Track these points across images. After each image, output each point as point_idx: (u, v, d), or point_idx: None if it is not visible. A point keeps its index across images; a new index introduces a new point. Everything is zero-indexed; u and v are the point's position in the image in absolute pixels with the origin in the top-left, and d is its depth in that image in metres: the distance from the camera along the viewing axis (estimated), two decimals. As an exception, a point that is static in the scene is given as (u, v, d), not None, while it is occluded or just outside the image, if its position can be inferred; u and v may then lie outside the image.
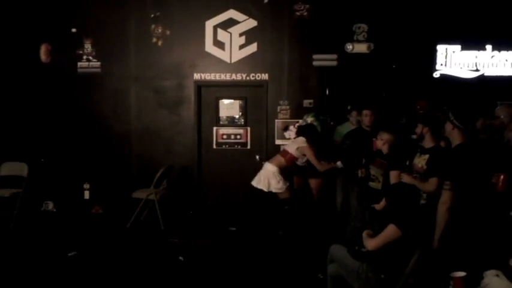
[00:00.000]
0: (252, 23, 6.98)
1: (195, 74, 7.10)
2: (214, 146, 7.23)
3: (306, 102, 6.91)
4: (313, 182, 5.82)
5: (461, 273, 3.15)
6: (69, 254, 5.29)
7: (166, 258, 5.24)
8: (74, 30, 7.19)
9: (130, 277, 4.71)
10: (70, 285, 4.54)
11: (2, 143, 7.14)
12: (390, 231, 3.37)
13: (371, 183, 4.79)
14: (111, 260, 5.18)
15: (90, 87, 7.23)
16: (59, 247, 5.55)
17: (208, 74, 7.08)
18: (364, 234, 3.61)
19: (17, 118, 7.25)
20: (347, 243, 3.83)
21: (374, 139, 4.90)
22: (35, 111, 7.24)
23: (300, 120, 6.34)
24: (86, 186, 7.25)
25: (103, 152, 7.21)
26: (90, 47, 7.20)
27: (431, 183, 3.78)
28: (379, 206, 4.29)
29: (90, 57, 7.21)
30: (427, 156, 3.99)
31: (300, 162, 5.66)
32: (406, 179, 3.97)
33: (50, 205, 7.31)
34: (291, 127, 6.88)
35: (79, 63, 7.22)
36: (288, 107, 6.97)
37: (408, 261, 3.29)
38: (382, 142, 4.64)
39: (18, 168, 6.82)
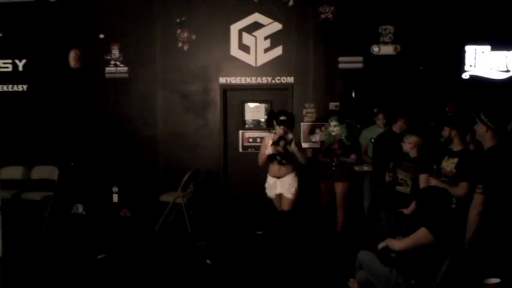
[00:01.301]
0: (277, 26, 6.98)
1: (220, 78, 7.14)
2: (240, 150, 7.26)
3: (332, 105, 6.88)
4: (339, 186, 5.79)
5: (495, 280, 3.08)
6: (98, 257, 5.37)
7: (193, 262, 5.27)
8: (101, 36, 7.33)
9: (158, 280, 4.76)
10: (99, 287, 4.61)
11: (33, 148, 7.32)
12: (421, 234, 3.33)
13: (399, 188, 4.73)
14: (139, 263, 5.25)
15: (118, 91, 7.35)
16: (88, 249, 5.64)
17: (234, 78, 7.11)
18: (389, 238, 3.58)
19: (48, 122, 7.41)
20: (376, 249, 3.80)
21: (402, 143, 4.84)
22: (64, 115, 7.39)
23: (326, 124, 6.30)
24: (115, 189, 7.36)
25: (131, 155, 7.31)
26: (117, 52, 7.32)
27: (462, 188, 3.72)
28: (407, 211, 4.24)
29: (118, 62, 7.33)
30: (455, 159, 3.93)
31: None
32: (434, 182, 3.91)
33: (80, 208, 7.45)
34: (317, 130, 6.86)
35: (107, 68, 7.35)
36: (313, 110, 6.95)
37: (439, 266, 3.25)
38: (410, 145, 4.58)
39: (49, 172, 6.99)
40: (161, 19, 7.22)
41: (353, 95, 6.84)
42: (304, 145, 6.90)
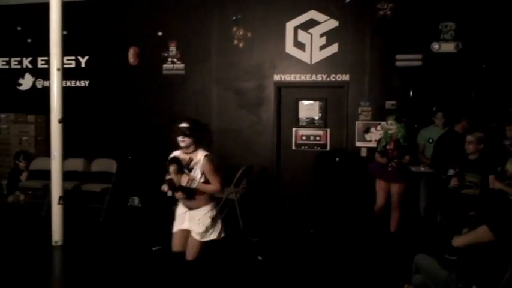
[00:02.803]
0: (333, 23, 6.91)
1: (275, 75, 7.15)
2: (293, 147, 7.24)
3: (389, 104, 6.73)
4: (396, 187, 5.65)
5: None
6: (153, 248, 5.50)
7: (245, 258, 5.31)
8: (160, 33, 7.51)
9: (209, 274, 4.81)
10: (153, 278, 4.72)
11: (94, 141, 7.61)
12: (481, 231, 3.21)
13: (467, 190, 4.55)
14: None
15: (174, 88, 7.51)
16: (143, 241, 5.79)
17: (288, 75, 7.10)
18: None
19: (107, 117, 7.68)
20: (434, 251, 3.68)
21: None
22: (123, 111, 7.62)
23: (382, 123, 6.18)
24: (171, 184, 7.51)
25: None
26: (174, 49, 7.48)
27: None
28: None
29: (175, 60, 7.48)
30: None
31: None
32: (498, 186, 3.76)
33: (136, 200, 7.67)
34: (372, 129, 6.73)
35: (164, 65, 7.52)
36: (369, 108, 6.83)
37: (503, 272, 3.10)
38: (472, 146, 4.42)
39: (108, 165, 7.24)
40: (217, 17, 7.32)
41: (411, 93, 6.67)
42: (359, 144, 6.82)
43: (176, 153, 4.07)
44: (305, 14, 6.99)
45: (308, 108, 7.19)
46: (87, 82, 7.88)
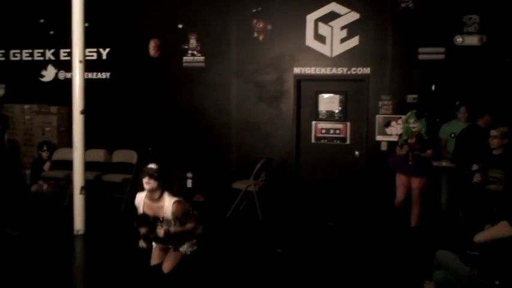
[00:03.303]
0: (354, 15, 6.84)
1: (295, 68, 7.13)
2: (313, 140, 7.22)
3: (410, 98, 6.65)
4: (416, 181, 5.60)
5: None
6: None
7: (264, 250, 5.32)
8: (180, 26, 7.53)
9: (228, 266, 4.84)
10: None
11: (115, 132, 7.69)
12: (501, 226, 3.20)
13: (491, 186, 4.48)
14: (210, 248, 5.36)
15: (194, 80, 7.53)
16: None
17: (308, 68, 7.06)
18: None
19: (128, 109, 7.75)
20: (455, 247, 3.64)
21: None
22: (144, 102, 7.69)
23: (403, 116, 6.12)
24: (189, 175, 7.59)
25: (205, 142, 7.49)
26: (195, 42, 7.50)
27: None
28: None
29: (195, 52, 7.51)
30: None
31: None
32: None
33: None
34: (393, 123, 6.68)
35: (184, 58, 7.55)
36: (390, 102, 6.76)
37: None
38: (496, 141, 4.35)
39: (129, 156, 7.34)
40: (237, 9, 7.31)
41: (433, 87, 6.58)
42: (379, 138, 6.77)
43: (140, 196, 3.78)
44: (326, 6, 6.93)
45: (328, 102, 7.15)
46: (108, 74, 7.96)
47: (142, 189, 3.67)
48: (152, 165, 3.60)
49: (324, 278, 4.57)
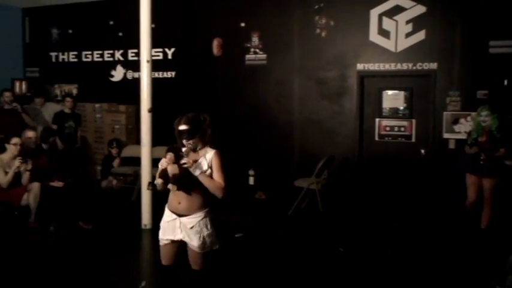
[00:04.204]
0: (420, 9, 6.63)
1: (358, 64, 7.01)
2: (376, 138, 7.07)
3: (480, 94, 6.36)
4: (487, 182, 5.35)
5: None
6: (235, 235, 5.64)
7: (326, 249, 5.29)
8: (242, 24, 7.61)
9: (290, 264, 4.85)
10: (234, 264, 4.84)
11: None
12: None
13: None
14: (273, 246, 5.41)
15: (256, 78, 7.60)
16: (226, 228, 5.94)
17: (372, 64, 6.93)
18: None
19: (192, 107, 7.90)
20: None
21: None
22: (208, 100, 7.83)
23: (473, 114, 5.86)
24: (251, 172, 7.67)
25: (267, 140, 7.53)
26: (257, 40, 7.55)
27: None
28: None
29: (257, 50, 7.56)
30: None
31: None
32: None
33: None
34: (462, 120, 6.41)
35: (247, 56, 7.63)
36: (458, 98, 6.50)
37: None
38: None
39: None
40: (299, 6, 7.28)
41: (505, 82, 6.25)
42: (446, 135, 6.54)
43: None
44: (390, 0, 6.76)
45: (392, 98, 6.98)
46: (173, 73, 8.19)
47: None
48: (183, 127, 3.42)
49: (387, 279, 4.48)
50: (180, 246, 3.35)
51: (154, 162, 6.10)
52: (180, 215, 3.28)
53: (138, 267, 5.01)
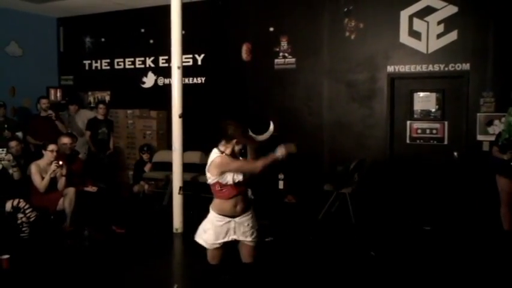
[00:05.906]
0: (452, 9, 6.52)
1: (388, 67, 6.94)
2: (408, 141, 6.97)
3: (515, 94, 6.21)
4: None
5: None
6: (266, 239, 5.64)
7: (357, 253, 5.25)
8: (271, 29, 7.64)
9: (318, 268, 4.82)
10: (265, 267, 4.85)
11: (210, 135, 7.91)
12: None
13: None
14: (301, 250, 5.39)
15: (285, 82, 7.61)
16: (257, 233, 5.95)
17: (403, 66, 6.84)
18: None
19: (222, 112, 7.97)
20: None
21: None
22: (237, 105, 7.87)
23: (507, 114, 5.71)
24: (281, 176, 7.66)
25: (296, 143, 7.48)
26: (286, 44, 7.57)
27: None
28: None
29: (286, 54, 7.58)
30: None
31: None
32: None
33: (249, 192, 7.81)
34: (496, 121, 6.26)
35: (276, 60, 7.65)
36: (492, 99, 6.35)
37: None
38: None
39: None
40: (328, 9, 7.27)
41: (540, 82, 6.09)
42: (480, 137, 6.40)
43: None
44: (421, 1, 6.68)
45: (424, 100, 6.87)
46: (203, 79, 8.28)
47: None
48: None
49: (418, 283, 4.41)
50: (229, 246, 3.65)
51: (185, 167, 6.21)
52: (233, 217, 3.60)
53: (169, 271, 5.08)
